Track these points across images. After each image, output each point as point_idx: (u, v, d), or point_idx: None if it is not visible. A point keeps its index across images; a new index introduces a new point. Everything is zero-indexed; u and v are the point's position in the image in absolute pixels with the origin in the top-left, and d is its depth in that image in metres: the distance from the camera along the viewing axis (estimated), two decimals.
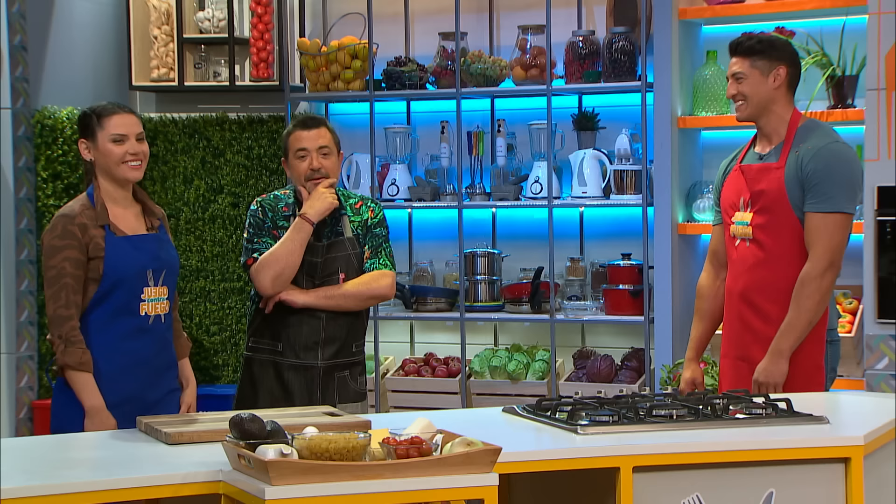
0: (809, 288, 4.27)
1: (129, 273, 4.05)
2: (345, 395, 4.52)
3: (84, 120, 4.13)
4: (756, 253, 4.38)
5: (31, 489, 2.96)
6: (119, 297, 4.05)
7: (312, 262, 4.47)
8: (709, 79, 6.09)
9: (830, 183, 4.29)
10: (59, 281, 3.99)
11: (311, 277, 4.48)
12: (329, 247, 4.49)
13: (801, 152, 4.34)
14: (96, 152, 4.10)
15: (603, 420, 3.55)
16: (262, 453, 2.96)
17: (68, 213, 4.05)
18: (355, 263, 4.50)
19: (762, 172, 4.39)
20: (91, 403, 3.98)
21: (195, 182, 7.20)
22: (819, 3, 5.84)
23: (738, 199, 4.45)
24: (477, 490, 3.00)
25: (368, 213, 4.57)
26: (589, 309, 6.36)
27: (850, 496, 3.43)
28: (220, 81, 7.19)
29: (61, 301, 3.98)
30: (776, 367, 4.29)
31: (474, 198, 6.58)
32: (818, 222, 4.29)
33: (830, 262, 4.28)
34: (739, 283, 4.43)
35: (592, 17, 6.64)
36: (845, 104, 5.76)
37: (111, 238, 4.05)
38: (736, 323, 4.46)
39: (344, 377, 4.53)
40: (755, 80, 4.40)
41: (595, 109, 6.51)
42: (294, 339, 4.49)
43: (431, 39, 6.80)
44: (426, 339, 6.95)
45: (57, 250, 4.00)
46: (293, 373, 4.50)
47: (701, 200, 6.12)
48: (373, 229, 4.55)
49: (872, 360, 5.35)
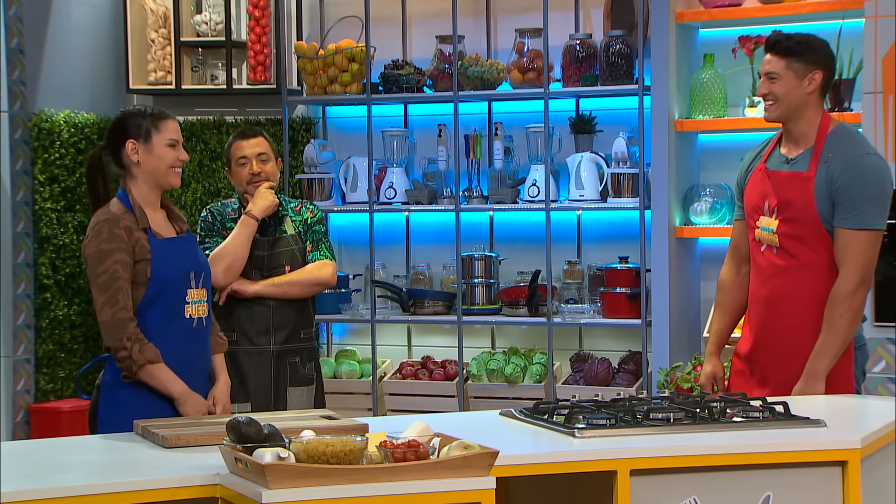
0: (842, 307, 4.19)
1: (175, 275, 4.05)
2: (295, 379, 4.93)
3: (134, 120, 4.07)
4: (783, 261, 4.29)
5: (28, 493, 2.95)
6: (166, 301, 4.04)
7: (259, 255, 4.90)
8: (706, 82, 6.10)
9: (861, 198, 4.18)
10: (113, 284, 3.96)
11: (259, 270, 4.91)
12: (273, 242, 4.93)
13: (831, 164, 4.22)
14: (147, 155, 4.06)
15: (600, 423, 3.55)
16: (260, 457, 2.96)
17: (111, 217, 4.01)
18: (299, 257, 4.95)
19: (790, 181, 4.28)
20: (180, 389, 4.00)
21: (192, 185, 7.19)
22: (816, 7, 5.84)
23: (762, 203, 4.34)
24: (474, 493, 3.00)
25: (308, 213, 5.03)
26: (586, 312, 6.36)
27: (848, 500, 3.43)
28: (218, 85, 7.19)
29: (119, 304, 3.96)
30: (812, 388, 4.21)
31: (472, 201, 6.58)
32: (849, 239, 4.18)
33: (862, 280, 4.19)
34: (765, 289, 4.35)
35: (590, 21, 6.64)
36: (842, 108, 5.76)
37: (154, 241, 4.03)
38: (757, 327, 4.38)
39: (295, 363, 4.94)
40: (789, 83, 4.26)
41: (592, 113, 6.51)
42: (247, 326, 4.90)
43: (429, 43, 6.80)
44: (423, 342, 6.94)
45: (106, 254, 3.97)
46: (247, 358, 4.90)
47: (698, 203, 6.12)
48: (313, 227, 5.00)
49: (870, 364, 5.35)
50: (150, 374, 3.98)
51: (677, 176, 6.14)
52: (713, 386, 4.49)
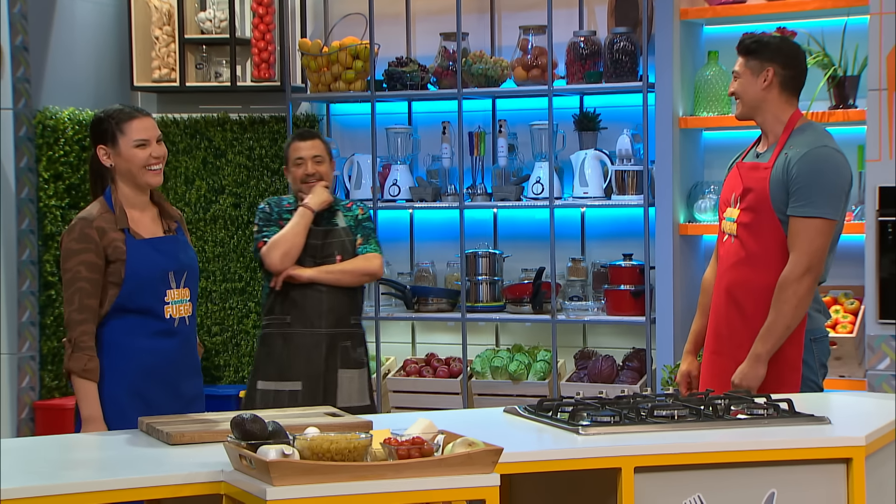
0: (787, 292, 4.27)
1: (150, 276, 4.02)
2: (346, 361, 5.25)
3: (101, 125, 4.06)
4: (739, 250, 4.39)
5: (33, 489, 2.96)
6: (142, 300, 4.01)
7: (313, 244, 5.24)
8: (710, 79, 6.09)
9: (815, 187, 4.27)
10: (73, 284, 3.97)
11: (313, 257, 5.24)
12: (326, 233, 5.27)
13: (789, 154, 4.33)
14: (118, 158, 4.05)
15: (604, 420, 3.55)
16: (264, 454, 2.96)
17: (87, 217, 4.01)
18: (349, 247, 5.28)
19: (752, 171, 4.40)
20: (88, 413, 3.94)
21: (196, 182, 7.20)
22: (820, 4, 5.83)
23: (730, 196, 4.46)
24: (478, 490, 3.00)
25: (359, 210, 5.38)
26: (590, 309, 6.36)
27: (852, 497, 3.43)
28: (222, 82, 7.20)
29: (74, 305, 3.96)
30: (753, 370, 4.29)
31: (476, 198, 6.58)
32: (799, 226, 4.28)
33: (808, 267, 4.26)
34: (724, 279, 4.45)
35: (594, 18, 6.64)
36: (847, 104, 5.76)
37: (131, 241, 4.01)
38: (718, 318, 4.47)
39: (346, 346, 5.26)
40: (746, 80, 4.41)
41: (596, 110, 6.51)
42: (300, 310, 5.23)
43: (433, 40, 6.80)
44: (427, 339, 6.95)
45: (73, 253, 3.98)
46: (301, 340, 5.22)
47: (702, 201, 6.12)
48: (363, 223, 5.35)
49: (874, 361, 5.35)
50: (74, 383, 3.97)
51: (681, 173, 6.14)
52: (688, 384, 4.54)
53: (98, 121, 4.09)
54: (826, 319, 4.48)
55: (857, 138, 5.70)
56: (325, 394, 5.22)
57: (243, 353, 7.20)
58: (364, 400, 5.31)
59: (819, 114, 5.74)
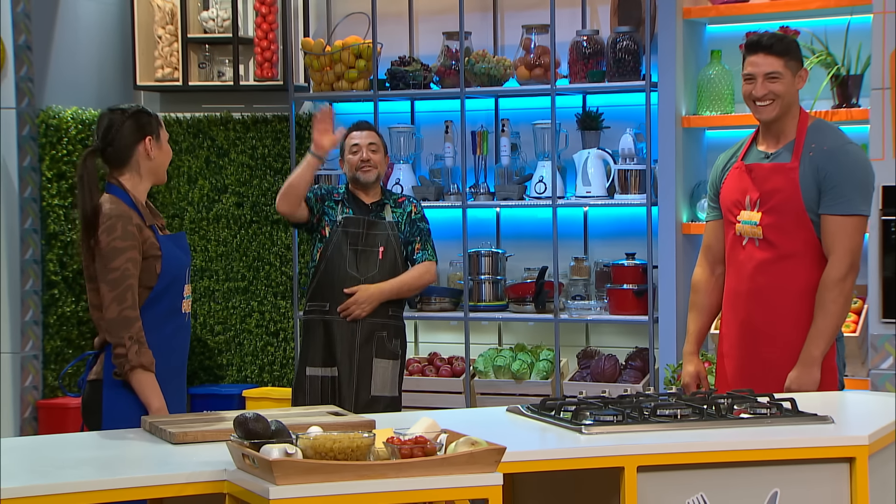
0: (833, 292, 4.24)
1: (180, 271, 4.08)
2: (382, 351, 5.42)
3: (145, 118, 4.11)
4: (766, 253, 4.33)
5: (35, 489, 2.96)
6: (170, 296, 4.05)
7: (355, 232, 5.42)
8: (713, 78, 6.09)
9: (847, 185, 4.25)
10: (123, 282, 3.96)
11: (354, 246, 5.43)
12: (370, 224, 5.44)
13: (815, 154, 4.29)
14: (158, 151, 4.10)
15: (607, 420, 3.55)
16: (267, 453, 2.96)
17: (123, 214, 4.00)
18: (393, 242, 5.44)
19: (773, 173, 4.33)
20: (159, 404, 3.97)
21: (199, 182, 7.20)
22: (824, 3, 5.83)
23: (743, 198, 4.39)
24: (481, 490, 3.00)
25: (412, 207, 5.51)
26: (593, 308, 6.36)
27: (855, 496, 3.42)
28: (225, 81, 7.20)
29: (128, 302, 3.96)
30: (809, 375, 4.25)
31: (478, 197, 6.58)
32: (837, 225, 4.25)
33: (851, 265, 4.25)
34: (747, 283, 4.38)
35: (597, 17, 6.64)
36: (850, 103, 5.76)
37: (161, 238, 4.05)
38: (742, 323, 4.41)
39: (382, 336, 5.43)
40: (788, 81, 4.33)
41: (599, 109, 6.51)
42: (340, 298, 5.37)
43: (435, 39, 6.80)
44: (430, 338, 6.95)
45: (119, 252, 3.96)
46: (338, 328, 5.38)
47: (705, 200, 6.10)
48: (418, 222, 5.50)
49: (877, 360, 5.35)
50: (137, 379, 3.97)
51: (684, 172, 6.14)
52: (698, 384, 4.52)
53: (142, 112, 4.11)
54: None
55: (860, 137, 5.69)
56: (359, 381, 5.37)
57: (246, 352, 7.20)
58: (394, 391, 5.45)
59: (822, 113, 5.74)
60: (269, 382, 7.19)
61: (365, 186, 5.47)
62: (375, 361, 5.40)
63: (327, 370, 5.41)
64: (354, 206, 5.46)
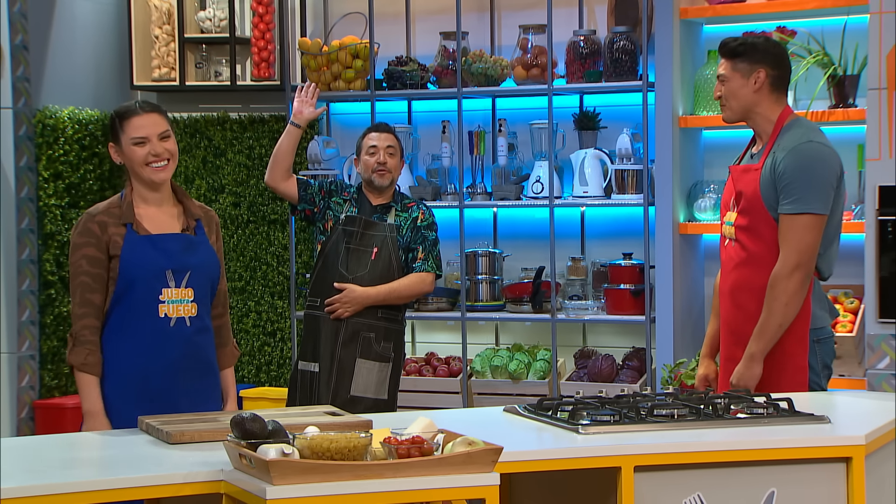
0: (777, 290, 4.26)
1: (144, 273, 3.96)
2: (367, 352, 5.36)
3: (111, 123, 4.08)
4: (739, 253, 4.40)
5: (32, 489, 2.96)
6: (136, 297, 3.97)
7: (350, 230, 5.39)
8: (710, 78, 6.09)
9: (801, 183, 4.26)
10: (75, 279, 3.98)
11: (347, 244, 5.40)
12: (368, 224, 5.40)
13: (776, 153, 4.33)
14: (122, 155, 4.04)
15: (604, 420, 3.55)
16: (264, 453, 2.96)
17: (92, 211, 4.03)
18: (389, 245, 5.38)
19: (744, 173, 4.40)
20: (88, 407, 3.94)
21: (196, 182, 7.20)
22: (820, 3, 5.83)
23: (729, 199, 4.47)
24: (478, 490, 3.01)
25: (419, 213, 5.45)
26: (590, 308, 6.36)
27: (852, 496, 3.43)
28: (222, 81, 7.20)
29: (76, 299, 3.97)
30: (749, 370, 4.30)
31: (475, 197, 6.58)
32: (788, 223, 4.28)
33: (798, 264, 4.26)
34: (727, 283, 4.45)
35: (593, 17, 6.64)
36: (847, 104, 5.76)
37: (131, 237, 3.98)
38: (724, 324, 4.48)
39: (369, 337, 5.36)
40: (737, 83, 4.39)
41: (596, 109, 6.51)
42: (329, 295, 5.35)
43: (432, 39, 6.80)
44: (427, 338, 6.95)
45: (76, 248, 3.99)
46: (324, 324, 5.37)
47: (702, 200, 6.12)
48: (422, 230, 5.44)
49: (874, 360, 5.35)
50: (75, 377, 3.98)
51: (681, 172, 6.14)
52: (706, 387, 4.54)
53: (112, 116, 4.10)
54: (832, 318, 4.46)
55: (857, 137, 5.70)
56: (338, 380, 5.33)
57: (243, 352, 7.20)
58: (381, 394, 5.39)
59: (819, 113, 5.74)
60: (266, 382, 7.19)
61: (378, 189, 5.44)
62: (359, 362, 5.35)
63: (309, 364, 5.42)
64: (360, 206, 5.45)
